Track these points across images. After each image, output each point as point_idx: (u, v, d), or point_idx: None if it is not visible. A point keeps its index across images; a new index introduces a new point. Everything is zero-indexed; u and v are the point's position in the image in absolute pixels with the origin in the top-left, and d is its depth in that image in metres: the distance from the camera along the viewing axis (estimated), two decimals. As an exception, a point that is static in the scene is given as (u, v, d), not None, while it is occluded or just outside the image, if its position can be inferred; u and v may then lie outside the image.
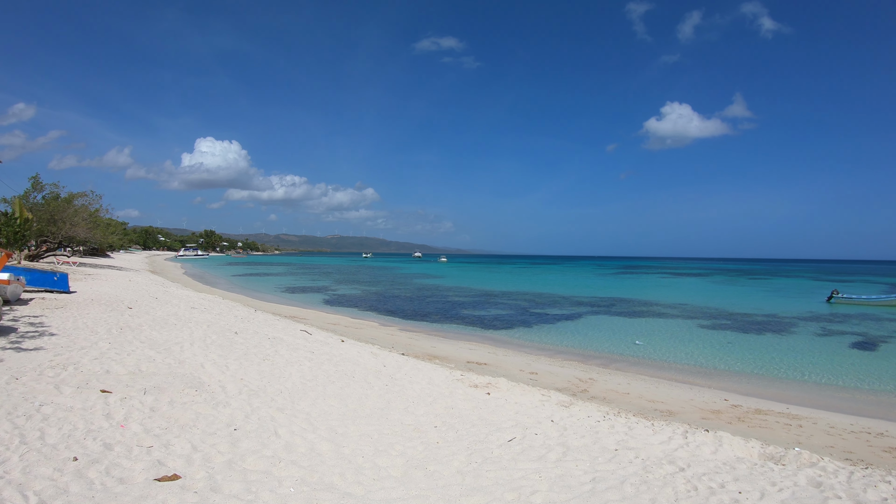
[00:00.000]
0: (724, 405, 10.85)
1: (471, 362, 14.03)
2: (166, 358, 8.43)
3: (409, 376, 9.14)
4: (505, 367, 13.99)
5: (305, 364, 9.00)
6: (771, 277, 78.48)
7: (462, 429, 6.18)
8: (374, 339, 16.88)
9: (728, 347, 18.31)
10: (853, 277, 78.11)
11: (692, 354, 16.82)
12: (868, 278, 76.13)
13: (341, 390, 7.39)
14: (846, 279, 71.04)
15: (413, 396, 7.55)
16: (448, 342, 18.32)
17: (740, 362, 15.82)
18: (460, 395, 8.08)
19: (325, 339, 13.35)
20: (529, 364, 14.94)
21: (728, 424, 9.09)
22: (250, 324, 13.98)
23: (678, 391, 12.63)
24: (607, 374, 14.41)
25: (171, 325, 12.00)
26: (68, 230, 32.87)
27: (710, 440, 7.20)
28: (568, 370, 14.54)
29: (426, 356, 13.95)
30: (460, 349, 16.64)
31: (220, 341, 10.32)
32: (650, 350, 17.67)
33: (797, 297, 41.23)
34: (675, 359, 16.25)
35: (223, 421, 5.61)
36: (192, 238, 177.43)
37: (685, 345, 18.58)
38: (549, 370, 14.23)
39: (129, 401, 6.14)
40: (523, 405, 8.14)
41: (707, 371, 14.88)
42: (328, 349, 11.16)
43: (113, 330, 10.57)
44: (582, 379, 13.20)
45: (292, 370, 8.27)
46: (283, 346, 10.60)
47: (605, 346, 18.37)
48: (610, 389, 12.18)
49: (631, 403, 10.75)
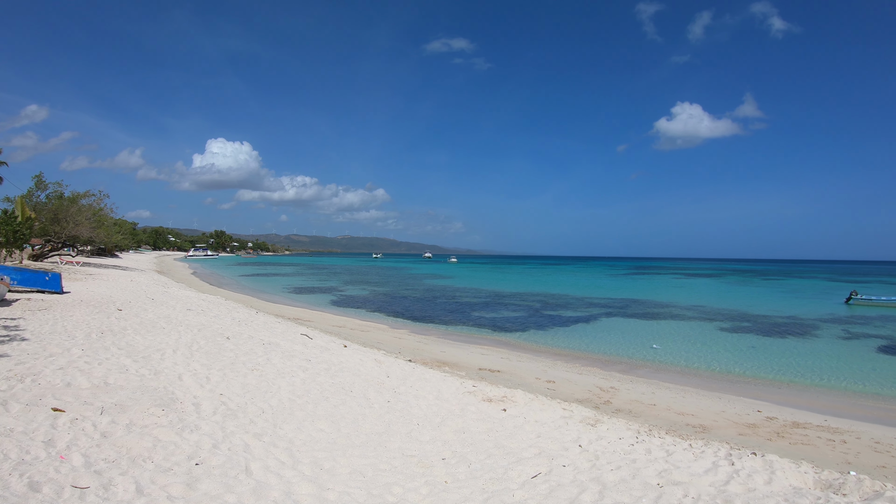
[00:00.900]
0: (759, 417, 9.83)
1: (483, 369, 13.00)
2: (141, 368, 7.48)
3: (414, 389, 8.11)
4: (520, 374, 12.96)
5: (299, 375, 8.00)
6: (784, 278, 77.69)
7: (476, 461, 5.13)
8: (380, 344, 15.90)
9: (751, 352, 17.39)
10: (868, 278, 76.84)
11: (715, 360, 16.06)
12: (884, 279, 74.83)
13: (335, 409, 6.36)
14: (861, 280, 69.73)
15: (418, 416, 6.51)
16: (458, 346, 17.30)
17: (766, 368, 15.05)
18: (473, 413, 7.03)
19: (327, 344, 12.38)
20: (545, 371, 13.91)
21: (768, 442, 8.23)
22: (247, 327, 13.05)
23: (707, 401, 11.58)
24: (629, 382, 13.43)
25: (159, 328, 11.09)
26: (72, 229, 32.28)
27: (759, 466, 6.19)
28: (587, 378, 13.51)
29: (435, 363, 12.93)
30: (472, 354, 15.62)
31: (207, 347, 9.36)
32: (670, 355, 16.76)
33: (814, 299, 40.41)
34: (698, 365, 15.44)
35: (185, 451, 4.61)
36: (203, 238, 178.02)
37: (706, 349, 17.80)
38: (566, 378, 13.20)
39: (80, 423, 5.17)
40: (545, 424, 7.09)
41: (733, 378, 14.03)
42: (327, 356, 10.17)
43: (92, 335, 9.66)
44: (603, 388, 12.19)
45: (282, 383, 7.26)
46: (278, 353, 9.62)
47: (623, 351, 17.58)
48: (634, 400, 11.20)
49: (659, 417, 9.82)
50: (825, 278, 77.80)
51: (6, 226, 24.77)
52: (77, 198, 33.92)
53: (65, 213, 32.33)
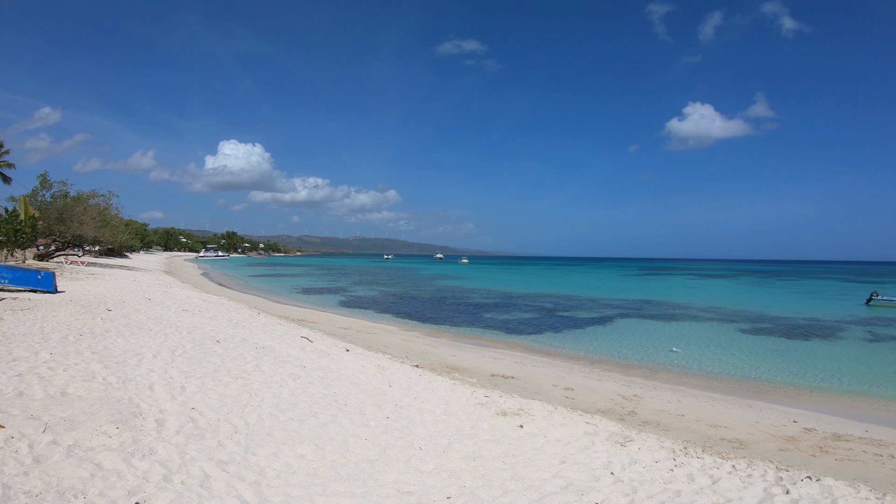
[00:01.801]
0: (796, 429, 8.99)
1: (496, 375, 12.05)
2: (111, 375, 6.63)
3: (419, 401, 7.15)
4: (535, 380, 11.99)
5: (288, 385, 7.08)
6: (799, 279, 76.78)
7: (489, 499, 4.16)
8: (386, 347, 15.00)
9: (775, 356, 16.50)
10: (884, 279, 75.63)
11: (739, 364, 15.27)
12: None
13: (323, 428, 5.40)
14: (877, 281, 68.36)
15: (422, 437, 5.53)
16: (469, 349, 16.36)
17: (793, 373, 14.29)
18: (485, 432, 6.07)
19: (327, 348, 11.48)
20: (562, 377, 12.94)
21: (813, 458, 7.37)
22: (243, 329, 12.21)
23: (738, 411, 10.63)
24: (652, 388, 12.45)
25: (146, 330, 10.28)
26: (76, 229, 31.83)
27: (818, 494, 5.33)
28: (607, 384, 12.53)
29: (444, 368, 11.99)
30: (483, 358, 14.67)
31: (193, 352, 8.51)
32: (691, 359, 15.91)
33: (833, 300, 39.66)
34: (722, 369, 14.65)
35: (128, 485, 3.71)
36: (214, 239, 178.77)
37: (729, 353, 16.97)
38: (586, 384, 12.21)
39: (15, 443, 4.31)
40: (569, 444, 6.12)
41: (760, 385, 13.18)
42: (325, 362, 9.26)
43: (70, 337, 8.86)
44: (625, 396, 11.22)
45: (267, 394, 6.34)
46: (270, 358, 8.73)
47: (643, 354, 16.76)
48: (660, 410, 10.25)
49: (691, 430, 8.79)
50: (840, 279, 76.97)
51: (7, 224, 24.25)
52: (82, 197, 33.50)
53: (69, 212, 31.90)
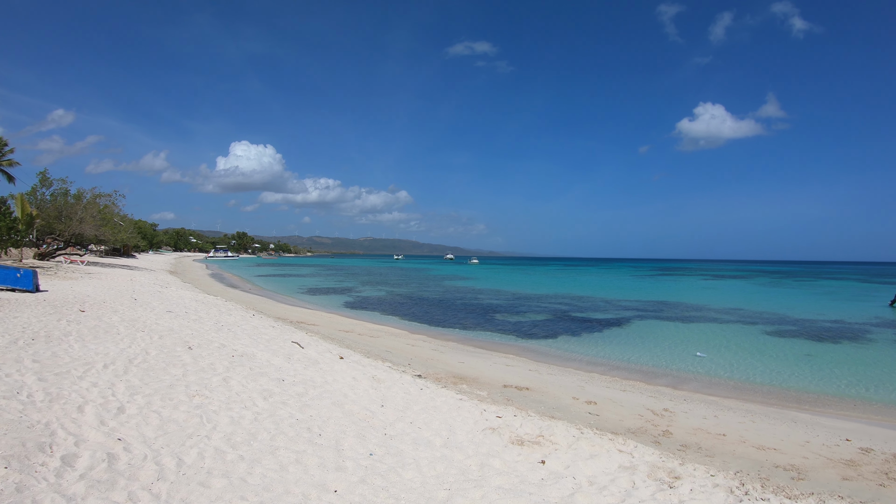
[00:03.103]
0: (851, 450, 7.88)
1: (508, 386, 10.72)
2: (40, 390, 5.41)
3: (416, 427, 5.81)
4: (553, 392, 10.65)
5: (255, 406, 5.78)
6: (815, 279, 75.13)
7: None
8: (388, 352, 13.73)
9: (808, 361, 15.38)
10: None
11: (772, 371, 14.14)
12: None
13: (280, 473, 3.92)
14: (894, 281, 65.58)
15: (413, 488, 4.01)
16: (479, 355, 15.04)
17: (830, 381, 13.21)
18: (498, 475, 4.67)
19: (319, 355, 10.22)
20: (582, 387, 11.60)
21: (882, 489, 6.16)
22: (226, 333, 10.99)
23: (783, 428, 9.33)
24: (682, 401, 11.10)
25: (113, 333, 9.10)
26: (76, 227, 30.96)
27: None
28: (633, 396, 11.18)
29: (450, 378, 10.68)
30: (494, 365, 13.35)
31: (155, 361, 7.28)
32: (718, 365, 14.79)
33: (854, 301, 38.21)
34: (754, 377, 13.50)
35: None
36: (225, 240, 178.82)
37: (757, 358, 15.84)
38: (609, 396, 10.86)
39: None
40: (604, 488, 4.78)
41: (798, 395, 12.00)
42: (311, 374, 7.99)
43: (20, 341, 7.69)
44: (655, 411, 9.87)
45: (223, 420, 5.04)
46: (245, 369, 7.47)
47: (666, 360, 15.52)
48: (697, 429, 8.94)
49: (738, 455, 7.61)
50: (857, 279, 75.31)
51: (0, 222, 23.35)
52: (81, 195, 32.64)
53: (69, 210, 31.05)
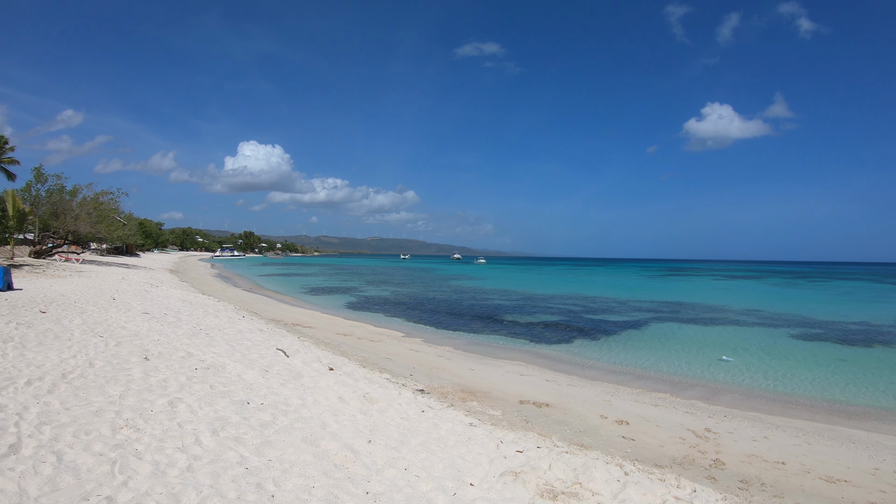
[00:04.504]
0: None
1: (525, 402, 9.31)
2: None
3: (413, 473, 4.35)
4: (577, 409, 9.24)
5: (199, 443, 4.38)
6: (828, 280, 74.05)
7: None
8: (389, 359, 12.36)
9: (844, 368, 14.35)
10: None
11: (809, 380, 13.10)
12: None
13: None
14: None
15: None
16: (490, 362, 13.64)
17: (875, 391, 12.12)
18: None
19: (305, 365, 8.85)
20: (608, 402, 10.20)
21: None
22: (201, 339, 9.65)
23: (843, 451, 8.08)
24: (723, 418, 9.83)
25: (64, 339, 7.81)
26: (71, 224, 29.85)
27: None
28: (666, 413, 9.78)
29: (458, 392, 9.27)
30: (507, 375, 11.94)
31: (96, 375, 5.93)
32: (749, 372, 13.66)
33: (875, 302, 36.99)
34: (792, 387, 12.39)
35: None
36: (232, 239, 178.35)
37: (789, 364, 14.77)
38: (640, 413, 9.46)
39: None
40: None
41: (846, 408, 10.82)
42: (288, 392, 6.60)
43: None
44: (697, 433, 8.51)
45: (143, 468, 3.56)
46: (204, 387, 6.10)
47: (692, 368, 14.20)
48: (751, 455, 7.52)
49: (807, 492, 6.18)
50: (870, 280, 74.33)
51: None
52: (77, 191, 31.53)
53: (64, 206, 29.96)
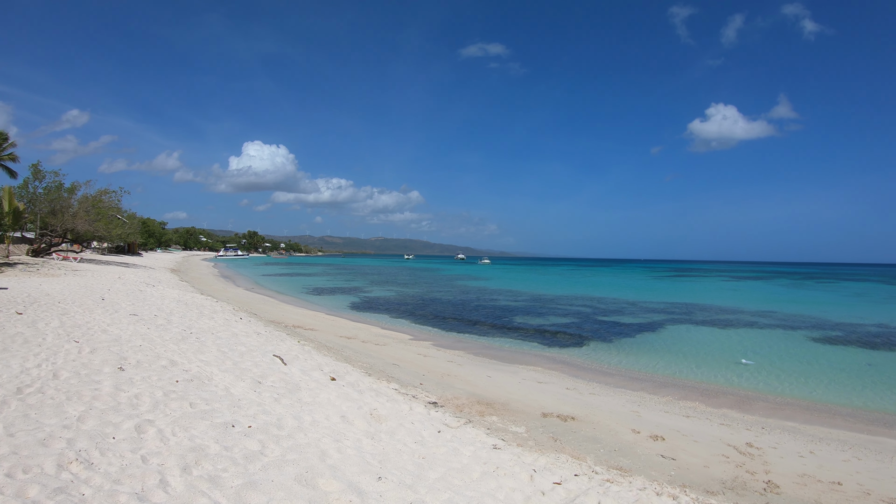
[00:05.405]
0: None
1: (549, 415, 8.38)
2: None
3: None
4: (605, 422, 8.31)
5: (165, 486, 3.46)
6: (836, 281, 73.12)
7: None
8: (396, 365, 11.45)
9: (872, 373, 13.70)
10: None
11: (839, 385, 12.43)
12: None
13: None
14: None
15: None
16: (504, 368, 12.72)
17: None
18: None
19: (303, 374, 7.94)
20: (637, 412, 9.28)
21: None
22: (189, 345, 8.75)
23: None
24: (761, 429, 9.01)
25: (33, 345, 6.95)
26: (69, 221, 29.09)
27: None
28: (701, 425, 8.88)
29: (475, 405, 8.34)
30: (524, 383, 11.01)
31: (55, 391, 5.04)
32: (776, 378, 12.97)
33: (888, 304, 36.18)
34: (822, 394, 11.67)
35: None
36: (236, 239, 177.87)
37: (815, 369, 14.16)
38: (673, 426, 8.53)
39: None
40: None
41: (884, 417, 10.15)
42: (282, 409, 5.68)
43: None
44: (739, 448, 7.63)
45: None
46: (183, 404, 5.18)
47: (716, 373, 13.49)
48: (803, 475, 6.61)
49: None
50: (878, 281, 73.46)
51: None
52: (75, 188, 30.77)
53: (62, 204, 29.21)
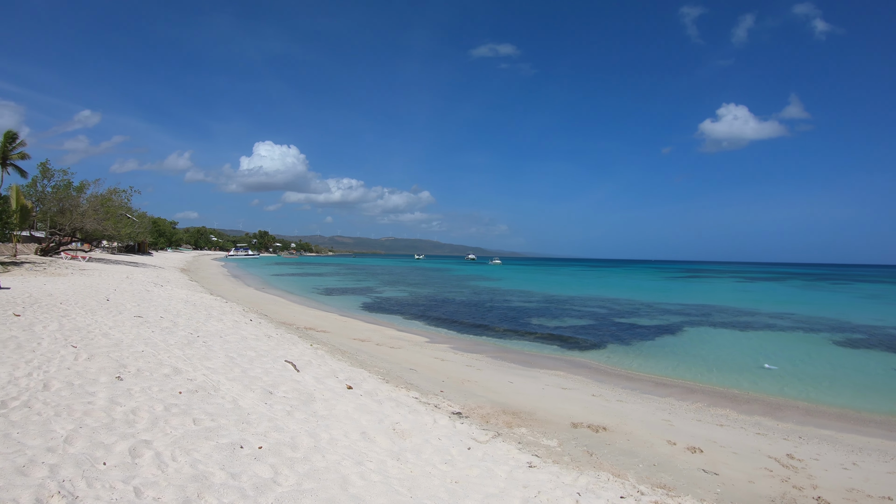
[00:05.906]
0: None
1: (579, 425, 7.76)
2: None
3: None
4: (637, 433, 7.69)
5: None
6: (849, 282, 72.02)
7: None
8: (413, 370, 10.87)
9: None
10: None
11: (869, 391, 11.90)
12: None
13: None
14: None
15: None
16: (525, 373, 12.09)
17: None
18: None
19: (318, 382, 7.37)
20: (669, 421, 8.66)
21: None
22: (195, 350, 8.23)
23: None
24: (798, 439, 8.51)
25: (26, 350, 6.45)
26: (77, 220, 28.87)
27: None
28: (737, 435, 8.27)
29: (500, 414, 7.73)
30: (548, 388, 10.40)
31: (43, 405, 4.50)
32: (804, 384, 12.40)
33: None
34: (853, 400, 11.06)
35: None
36: (246, 238, 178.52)
37: (840, 374, 13.62)
38: (708, 437, 7.91)
39: None
40: None
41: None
42: (296, 425, 5.12)
43: None
44: (781, 461, 7.15)
45: None
46: (185, 420, 4.63)
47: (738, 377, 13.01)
48: (851, 490, 6.16)
49: None
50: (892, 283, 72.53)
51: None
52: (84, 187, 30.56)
53: (70, 203, 28.99)
